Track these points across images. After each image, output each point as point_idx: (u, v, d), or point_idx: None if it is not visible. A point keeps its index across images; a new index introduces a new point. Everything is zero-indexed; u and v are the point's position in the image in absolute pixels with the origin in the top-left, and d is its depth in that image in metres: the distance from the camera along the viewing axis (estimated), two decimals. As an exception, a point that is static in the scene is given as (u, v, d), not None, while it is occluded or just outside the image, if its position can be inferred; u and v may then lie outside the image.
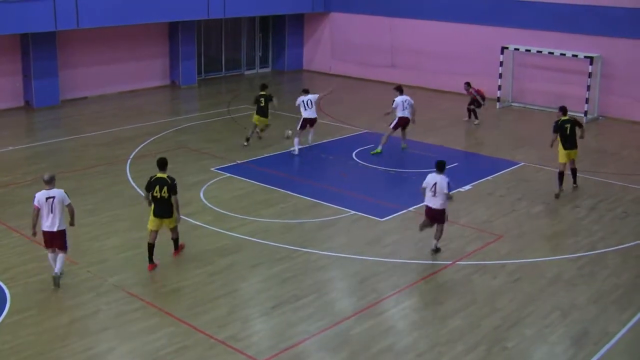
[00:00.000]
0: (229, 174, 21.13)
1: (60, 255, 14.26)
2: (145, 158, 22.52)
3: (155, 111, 29.55)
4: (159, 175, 14.98)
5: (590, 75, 28.86)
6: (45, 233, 14.15)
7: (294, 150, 23.54)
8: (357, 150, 23.77)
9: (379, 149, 23.65)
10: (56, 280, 14.15)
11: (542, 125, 27.87)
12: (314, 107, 23.71)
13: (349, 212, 18.44)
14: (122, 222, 17.50)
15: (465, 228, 17.62)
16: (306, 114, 23.64)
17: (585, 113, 28.94)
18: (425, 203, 16.09)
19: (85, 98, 31.13)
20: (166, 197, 14.79)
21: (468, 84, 28.11)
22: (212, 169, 21.48)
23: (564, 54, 29.62)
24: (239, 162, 22.34)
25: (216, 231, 17.03)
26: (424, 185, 15.99)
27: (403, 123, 23.87)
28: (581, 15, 29.71)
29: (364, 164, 22.50)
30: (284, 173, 21.50)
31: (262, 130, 24.70)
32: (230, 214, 18.12)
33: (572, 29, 29.99)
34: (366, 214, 18.34)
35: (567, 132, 19.85)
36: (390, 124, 23.85)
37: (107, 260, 15.48)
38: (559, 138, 19.89)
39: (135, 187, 19.94)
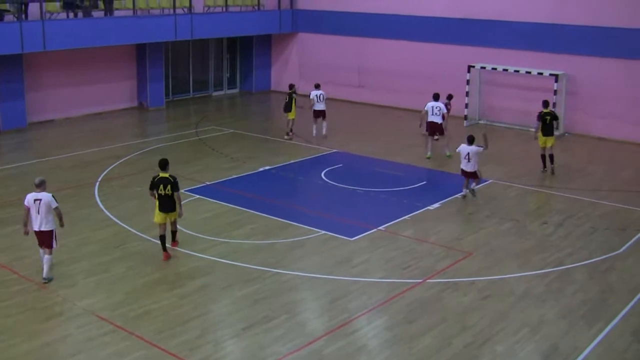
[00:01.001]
0: (198, 196, 21.07)
1: (47, 257, 15.24)
2: (113, 181, 22.43)
3: (123, 133, 29.44)
4: (162, 175, 16.42)
5: (555, 92, 29.21)
6: (35, 232, 15.30)
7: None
8: (326, 170, 23.83)
9: (428, 155, 25.75)
10: (44, 279, 15.26)
11: (509, 143, 28.16)
12: (324, 100, 28.08)
13: (319, 232, 18.46)
14: (89, 246, 17.36)
15: (435, 246, 17.70)
16: (317, 106, 27.97)
17: (552, 130, 29.25)
18: (461, 167, 20.89)
19: (53, 121, 30.94)
20: (170, 194, 16.30)
21: (450, 97, 28.32)
22: (181, 191, 21.38)
23: (530, 72, 29.97)
24: (207, 183, 22.30)
25: (186, 253, 16.96)
26: (458, 150, 21.07)
27: (431, 128, 25.52)
28: (545, 34, 30.11)
29: (333, 183, 22.54)
30: (253, 194, 21.48)
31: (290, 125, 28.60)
32: (200, 235, 18.07)
33: (537, 47, 30.38)
34: (336, 233, 18.36)
35: (546, 122, 23.71)
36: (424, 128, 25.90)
37: (76, 284, 15.35)
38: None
39: (104, 209, 19.83)
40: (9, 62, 28.45)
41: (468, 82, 31.48)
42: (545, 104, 24.35)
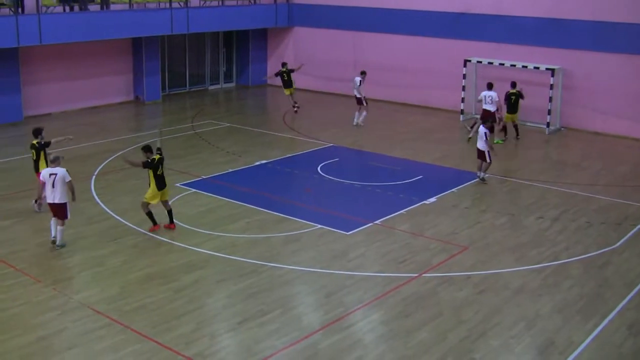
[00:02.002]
0: (194, 190, 21.06)
1: (59, 228, 16.63)
2: (108, 175, 22.39)
3: (119, 127, 29.40)
4: (157, 157, 17.61)
5: (551, 87, 29.20)
6: (49, 205, 16.67)
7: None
8: (322, 164, 23.81)
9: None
10: (57, 246, 16.66)
11: (506, 138, 28.13)
12: (357, 87, 29.39)
13: (315, 226, 18.45)
14: (85, 240, 17.33)
15: (431, 240, 17.71)
16: (354, 92, 29.66)
17: (548, 124, 29.27)
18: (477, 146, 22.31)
19: (49, 114, 30.89)
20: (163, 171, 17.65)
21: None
22: (177, 184, 21.38)
23: (526, 66, 29.94)
24: (203, 177, 22.28)
25: (182, 247, 16.96)
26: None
27: (483, 115, 26.60)
28: (542, 28, 30.10)
29: (329, 177, 22.53)
30: (249, 188, 21.46)
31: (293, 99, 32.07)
32: (195, 229, 18.06)
33: (534, 41, 30.37)
34: (332, 227, 18.35)
35: (512, 101, 27.58)
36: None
37: (71, 277, 15.36)
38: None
39: (100, 203, 19.81)
40: (5, 55, 28.38)
41: (464, 76, 31.46)
42: (513, 84, 27.79)
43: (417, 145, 26.95)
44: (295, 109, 31.88)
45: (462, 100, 31.53)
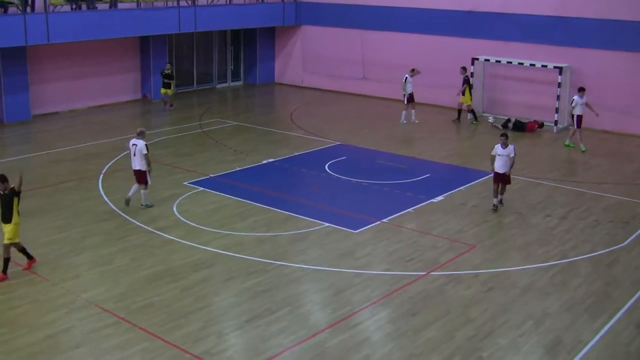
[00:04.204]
0: (202, 188, 21.06)
1: (143, 192, 19.18)
2: (116, 173, 22.41)
3: (127, 126, 29.37)
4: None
5: (559, 85, 29.13)
6: (133, 170, 19.14)
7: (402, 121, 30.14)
8: (329, 163, 23.80)
9: (582, 148, 26.41)
10: (126, 202, 19.18)
11: (512, 135, 28.06)
12: (404, 85, 29.88)
13: (323, 224, 18.44)
14: (93, 238, 17.35)
15: (439, 239, 17.68)
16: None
17: (556, 122, 29.21)
18: (495, 170, 19.57)
19: (57, 113, 30.94)
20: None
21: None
22: (185, 183, 21.41)
23: (534, 65, 29.89)
24: (211, 175, 22.30)
25: (189, 245, 16.96)
26: (492, 153, 19.60)
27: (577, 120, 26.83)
28: (550, 27, 30.04)
29: (337, 176, 22.52)
30: (256, 186, 21.46)
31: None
32: (203, 227, 18.06)
33: (542, 39, 30.31)
34: (339, 226, 18.34)
35: (472, 85, 29.93)
36: None
37: (79, 276, 15.36)
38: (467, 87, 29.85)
39: (108, 202, 19.82)
40: (13, 54, 28.43)
41: (472, 74, 31.39)
42: (463, 70, 30.16)
43: (424, 143, 26.91)
44: (170, 107, 32.58)
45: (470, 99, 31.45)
